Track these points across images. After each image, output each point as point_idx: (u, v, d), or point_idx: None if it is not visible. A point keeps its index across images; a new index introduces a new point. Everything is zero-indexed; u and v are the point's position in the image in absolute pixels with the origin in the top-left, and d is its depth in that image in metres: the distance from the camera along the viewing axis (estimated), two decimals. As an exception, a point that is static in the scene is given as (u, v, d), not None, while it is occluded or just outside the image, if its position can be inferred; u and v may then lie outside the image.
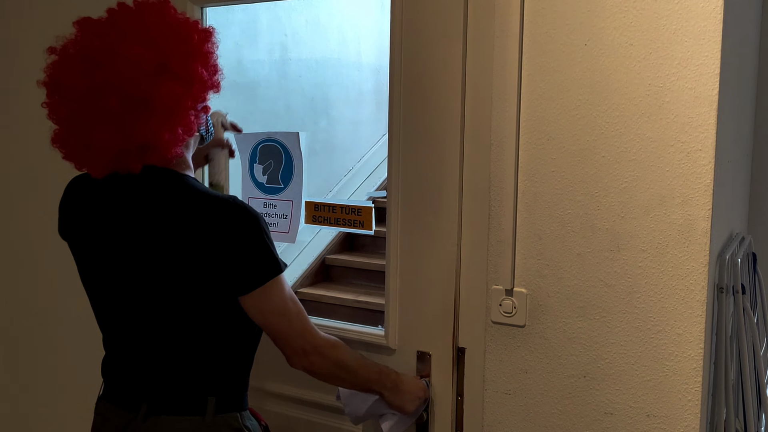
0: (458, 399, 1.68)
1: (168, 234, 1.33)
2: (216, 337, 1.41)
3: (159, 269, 1.35)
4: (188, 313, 1.38)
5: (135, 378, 1.43)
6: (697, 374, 1.41)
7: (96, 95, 1.29)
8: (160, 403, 1.39)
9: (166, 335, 1.39)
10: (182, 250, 1.32)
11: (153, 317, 1.39)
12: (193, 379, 1.40)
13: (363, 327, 1.83)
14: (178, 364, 1.40)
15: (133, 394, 1.42)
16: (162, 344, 1.40)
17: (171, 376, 1.40)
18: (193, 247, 1.32)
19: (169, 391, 1.40)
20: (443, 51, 1.61)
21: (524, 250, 1.56)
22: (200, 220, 1.32)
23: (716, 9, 1.34)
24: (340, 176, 4.01)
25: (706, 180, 1.37)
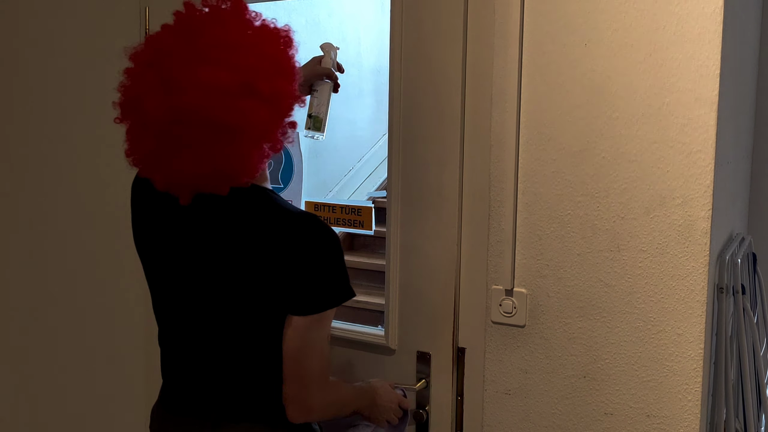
0: (458, 399, 1.68)
1: (250, 246, 1.29)
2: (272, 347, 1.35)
3: (238, 279, 1.30)
4: (261, 322, 1.33)
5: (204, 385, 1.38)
6: (697, 374, 1.41)
7: (178, 123, 1.20)
8: (231, 410, 1.36)
9: (231, 342, 1.34)
10: (262, 262, 1.28)
11: (221, 325, 1.34)
12: (263, 384, 1.36)
13: (363, 327, 1.83)
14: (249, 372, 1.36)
15: (201, 403, 1.37)
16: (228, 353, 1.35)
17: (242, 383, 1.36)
18: (272, 260, 1.28)
19: (241, 399, 1.36)
20: (443, 51, 1.61)
21: (524, 250, 1.56)
22: (282, 236, 1.28)
23: (716, 10, 1.34)
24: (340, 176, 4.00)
25: (706, 181, 1.37)
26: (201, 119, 1.19)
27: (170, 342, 1.43)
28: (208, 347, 1.36)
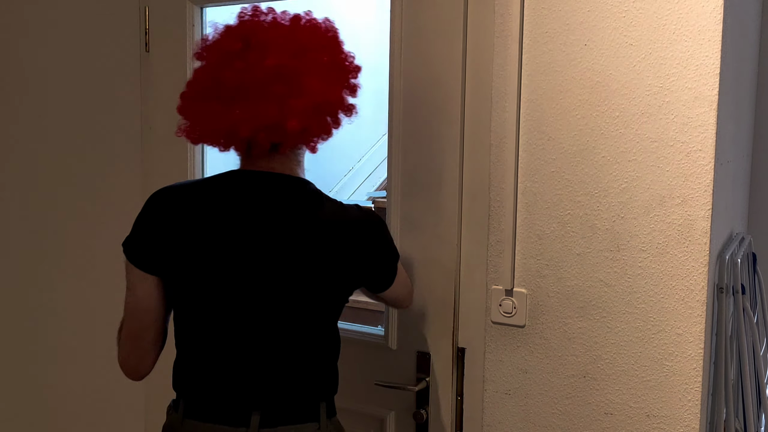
0: (458, 399, 1.68)
1: (310, 242, 1.33)
2: (322, 340, 1.41)
3: (290, 274, 1.33)
4: (307, 318, 1.37)
5: (242, 390, 1.36)
6: (697, 374, 1.41)
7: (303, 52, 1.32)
8: (274, 413, 1.36)
9: (284, 341, 1.36)
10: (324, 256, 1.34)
11: (276, 323, 1.35)
12: (306, 385, 1.39)
13: (363, 327, 1.83)
14: (294, 371, 1.37)
15: (241, 408, 1.35)
16: (278, 351, 1.36)
17: (286, 384, 1.37)
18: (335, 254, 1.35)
19: (284, 400, 1.37)
20: (443, 51, 1.61)
21: (524, 250, 1.56)
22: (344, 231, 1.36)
23: (716, 9, 1.34)
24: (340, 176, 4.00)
25: (705, 180, 1.37)
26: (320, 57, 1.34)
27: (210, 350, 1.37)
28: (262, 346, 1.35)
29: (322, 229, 1.34)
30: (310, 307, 1.36)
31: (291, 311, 1.34)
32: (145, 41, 2.05)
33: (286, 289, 1.33)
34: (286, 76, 1.29)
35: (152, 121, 2.07)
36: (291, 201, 1.35)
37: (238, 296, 1.33)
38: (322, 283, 1.35)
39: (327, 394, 1.43)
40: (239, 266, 1.32)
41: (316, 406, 1.39)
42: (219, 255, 1.33)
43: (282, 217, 1.33)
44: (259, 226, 1.32)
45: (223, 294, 1.34)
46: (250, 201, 1.34)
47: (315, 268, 1.34)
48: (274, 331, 1.35)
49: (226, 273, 1.33)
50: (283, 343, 1.36)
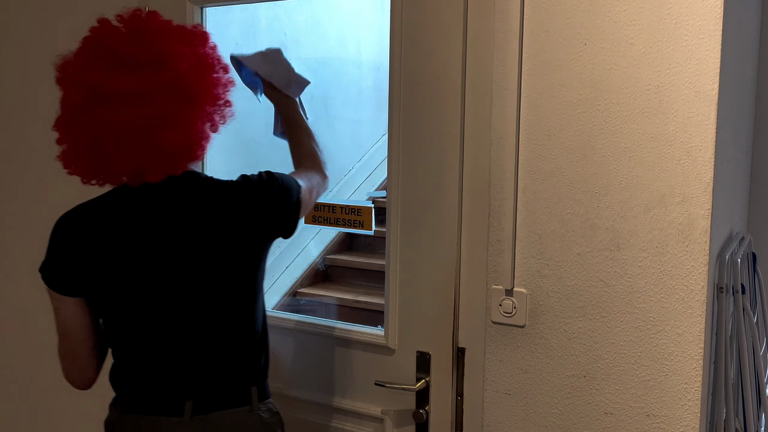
0: (458, 399, 1.67)
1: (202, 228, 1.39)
2: (250, 328, 1.47)
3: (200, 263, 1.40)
4: (226, 298, 1.43)
5: (175, 381, 1.43)
6: (697, 374, 1.41)
7: (156, 97, 1.32)
8: (206, 400, 1.43)
9: (210, 330, 1.43)
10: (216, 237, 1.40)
11: (197, 312, 1.42)
12: (236, 371, 1.46)
13: (363, 327, 1.83)
14: (221, 359, 1.45)
15: (174, 398, 1.42)
16: (205, 341, 1.43)
17: (215, 371, 1.44)
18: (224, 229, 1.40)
19: (215, 387, 1.44)
20: (443, 49, 1.61)
21: (524, 250, 1.56)
22: (224, 203, 1.41)
23: (716, 6, 1.34)
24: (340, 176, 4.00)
25: (705, 178, 1.37)
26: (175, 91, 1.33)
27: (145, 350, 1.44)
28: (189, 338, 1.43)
29: (209, 211, 1.41)
30: (220, 289, 1.42)
31: (203, 299, 1.42)
32: (145, 41, 2.05)
33: (193, 280, 1.41)
34: (140, 131, 1.32)
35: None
36: (181, 196, 1.41)
37: (154, 297, 1.41)
38: (222, 262, 1.41)
39: (257, 379, 1.50)
40: (148, 269, 1.40)
41: (246, 390, 1.47)
42: (129, 263, 1.40)
43: (176, 213, 1.40)
44: (158, 228, 1.40)
45: (142, 298, 1.41)
46: (147, 207, 1.41)
47: (211, 251, 1.40)
48: (193, 321, 1.42)
49: (140, 278, 1.40)
50: (204, 331, 1.43)
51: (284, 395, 1.92)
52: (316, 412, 1.88)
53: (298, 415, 1.91)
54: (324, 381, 1.86)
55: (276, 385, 1.92)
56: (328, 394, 1.85)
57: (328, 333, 1.84)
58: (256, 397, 1.48)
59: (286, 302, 3.54)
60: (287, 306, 3.53)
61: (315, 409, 1.88)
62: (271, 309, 3.29)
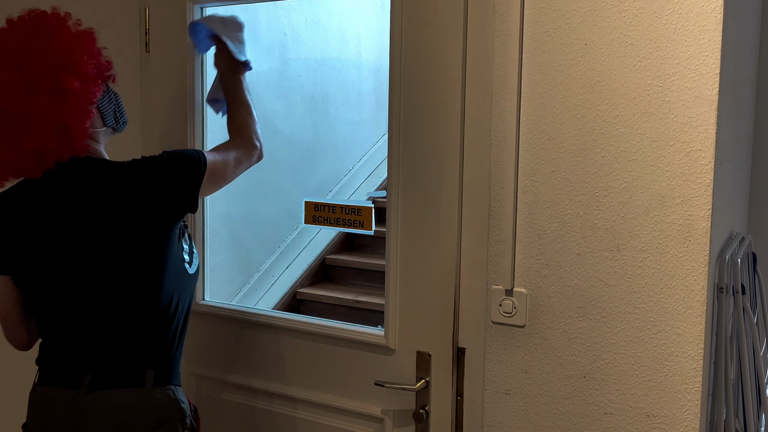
0: (458, 399, 1.67)
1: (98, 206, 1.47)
2: (148, 311, 1.52)
3: (98, 244, 1.48)
4: (124, 279, 1.50)
5: (77, 358, 1.52)
6: (697, 374, 1.41)
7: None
8: (102, 377, 1.50)
9: (105, 309, 1.51)
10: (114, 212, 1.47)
11: (95, 290, 1.50)
12: (132, 353, 1.52)
13: (363, 327, 1.83)
14: (117, 339, 1.52)
15: (76, 373, 1.51)
16: (102, 322, 1.51)
17: (112, 350, 1.51)
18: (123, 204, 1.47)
19: (111, 366, 1.51)
20: (443, 50, 1.61)
21: (524, 250, 1.56)
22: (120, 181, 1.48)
23: (716, 8, 1.34)
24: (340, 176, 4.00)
25: (705, 180, 1.37)
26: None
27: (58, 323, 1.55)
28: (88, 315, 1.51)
29: (104, 192, 1.48)
30: (118, 268, 1.49)
31: (102, 277, 1.49)
32: (145, 41, 2.05)
33: (92, 259, 1.49)
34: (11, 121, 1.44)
35: (152, 121, 2.07)
36: (78, 179, 1.49)
37: (59, 274, 1.51)
38: (118, 241, 1.48)
39: (155, 363, 1.54)
40: (53, 249, 1.50)
41: (141, 372, 1.51)
42: (36, 244, 1.51)
43: (74, 195, 1.48)
44: (59, 210, 1.49)
45: (49, 275, 1.52)
46: (50, 191, 1.50)
47: (107, 230, 1.47)
48: (93, 298, 1.50)
49: (46, 257, 1.51)
50: (103, 308, 1.51)
51: (284, 395, 1.92)
52: (316, 412, 1.88)
53: (298, 414, 1.91)
54: (324, 381, 1.86)
55: (276, 385, 1.93)
56: (328, 394, 1.85)
57: (328, 333, 1.84)
58: (150, 381, 1.51)
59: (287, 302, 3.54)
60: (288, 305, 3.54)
61: (315, 409, 1.88)
62: (271, 309, 3.31)
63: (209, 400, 2.04)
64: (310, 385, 1.88)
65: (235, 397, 2.00)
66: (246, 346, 1.98)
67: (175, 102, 2.00)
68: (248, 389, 1.97)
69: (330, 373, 1.85)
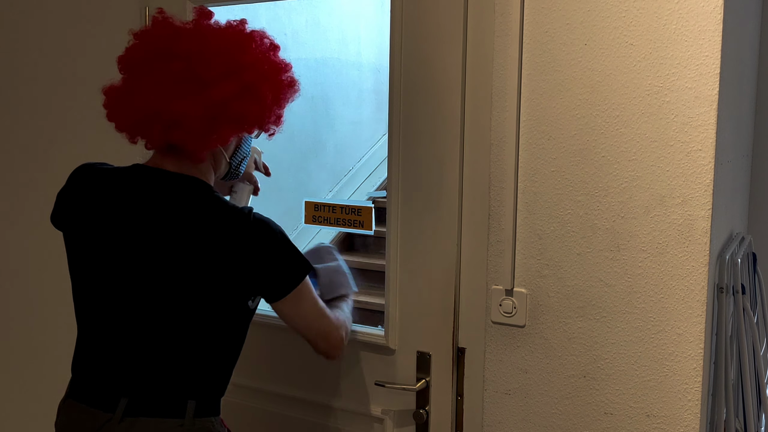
0: (458, 399, 1.68)
1: (190, 239, 1.36)
2: (204, 342, 1.42)
3: (174, 271, 1.37)
4: (187, 318, 1.39)
5: (116, 377, 1.41)
6: (697, 374, 1.41)
7: (167, 57, 1.38)
8: (140, 403, 1.39)
9: (157, 335, 1.39)
10: (203, 256, 1.36)
11: (151, 316, 1.39)
12: (176, 381, 1.41)
13: (363, 327, 1.83)
14: (163, 365, 1.40)
15: (112, 394, 1.40)
16: (151, 344, 1.40)
17: (154, 376, 1.40)
18: (214, 255, 1.36)
19: (151, 392, 1.40)
20: (443, 51, 1.61)
21: (524, 250, 1.56)
22: (224, 232, 1.37)
23: (716, 9, 1.34)
24: (340, 176, 4.00)
25: (706, 180, 1.37)
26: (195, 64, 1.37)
27: (102, 338, 1.44)
28: (135, 335, 1.40)
29: (193, 222, 1.37)
30: (180, 305, 1.38)
31: (162, 306, 1.38)
32: (145, 41, 2.05)
33: (158, 284, 1.38)
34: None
35: (152, 120, 2.07)
36: (171, 199, 1.40)
37: (117, 287, 1.40)
38: (191, 284, 1.37)
39: (198, 394, 1.42)
40: (120, 257, 1.39)
41: (183, 403, 1.40)
42: (104, 243, 1.41)
43: (161, 214, 1.39)
44: (141, 221, 1.39)
45: (105, 283, 1.41)
46: (137, 196, 1.41)
47: (184, 268, 1.37)
48: (147, 323, 1.39)
49: (110, 262, 1.40)
50: (155, 336, 1.39)
51: (284, 395, 1.92)
52: (317, 412, 1.88)
53: (298, 415, 1.91)
54: (324, 381, 1.86)
55: (276, 385, 1.93)
56: (329, 394, 1.85)
57: (329, 333, 1.84)
58: (191, 412, 1.40)
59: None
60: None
61: (315, 409, 1.88)
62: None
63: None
64: (309, 385, 1.88)
65: (235, 397, 2.00)
66: (246, 347, 1.98)
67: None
68: (248, 389, 1.97)
69: (330, 373, 1.85)
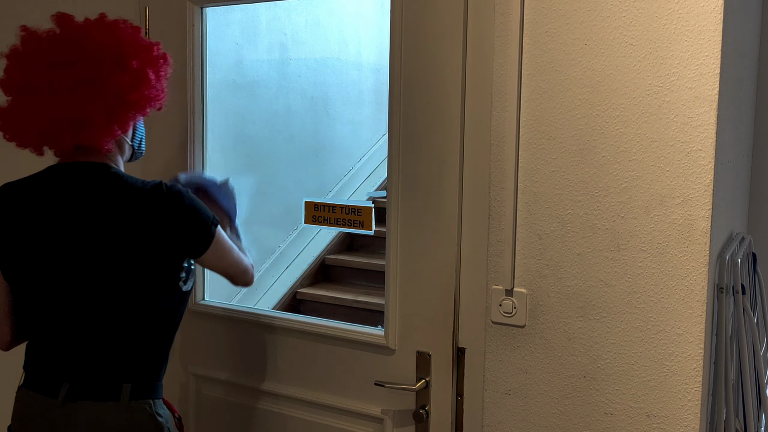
0: (458, 399, 1.68)
1: (107, 222, 1.46)
2: (135, 326, 1.51)
3: (98, 256, 1.46)
4: (116, 301, 1.48)
5: (57, 365, 1.51)
6: (697, 374, 1.41)
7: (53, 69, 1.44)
8: (79, 388, 1.49)
9: (90, 322, 1.49)
10: (122, 234, 1.45)
11: (82, 304, 1.48)
12: (111, 365, 1.50)
13: (363, 327, 1.83)
14: (98, 351, 1.50)
15: (55, 381, 1.50)
16: (86, 331, 1.49)
17: (91, 362, 1.50)
18: (130, 230, 1.45)
19: (88, 377, 1.49)
20: (443, 50, 1.61)
21: (524, 250, 1.56)
22: (133, 206, 1.46)
23: (716, 8, 1.34)
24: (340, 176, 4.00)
25: (705, 180, 1.37)
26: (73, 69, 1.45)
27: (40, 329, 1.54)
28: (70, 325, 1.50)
29: (110, 208, 1.47)
30: (108, 289, 1.47)
31: (91, 293, 1.48)
32: (145, 41, 2.05)
33: (81, 268, 1.47)
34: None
35: (152, 121, 2.07)
36: (86, 187, 1.49)
37: (47, 278, 1.50)
38: (115, 265, 1.46)
39: (133, 377, 1.51)
40: (47, 254, 1.49)
41: (118, 386, 1.49)
42: (31, 242, 1.50)
43: (78, 203, 1.48)
44: (59, 214, 1.48)
45: (37, 277, 1.51)
46: (54, 192, 1.50)
47: (106, 251, 1.46)
48: (80, 312, 1.49)
49: (37, 258, 1.50)
50: (88, 323, 1.49)
51: (284, 395, 1.92)
52: (316, 412, 1.88)
53: (298, 414, 1.91)
54: (324, 381, 1.86)
55: (276, 385, 1.93)
56: (328, 394, 1.85)
57: (328, 333, 1.84)
58: (126, 395, 1.49)
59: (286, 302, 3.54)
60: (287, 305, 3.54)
61: (315, 409, 1.88)
62: (271, 309, 3.31)
63: (208, 399, 2.04)
64: (309, 385, 1.88)
65: (235, 397, 2.00)
66: (246, 346, 1.98)
67: (175, 102, 2.00)
68: (248, 389, 1.97)
69: (330, 373, 1.85)
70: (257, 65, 3.44)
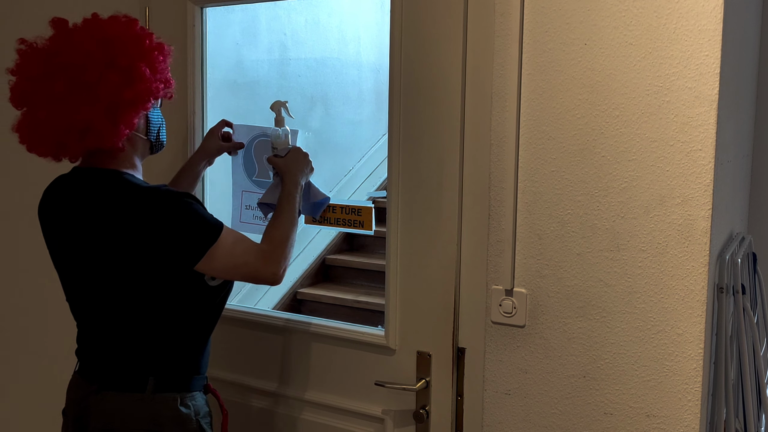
0: (458, 399, 1.68)
1: (108, 227, 1.48)
2: (155, 321, 1.54)
3: (108, 260, 1.50)
4: (132, 299, 1.52)
5: (91, 355, 1.61)
6: (697, 374, 1.41)
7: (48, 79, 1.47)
8: (110, 379, 1.55)
9: (113, 319, 1.55)
10: (123, 239, 1.48)
11: (104, 303, 1.55)
12: (134, 359, 1.55)
13: (363, 327, 1.83)
14: (120, 346, 1.56)
15: (91, 370, 1.59)
16: (111, 327, 1.56)
17: (115, 356, 1.56)
18: (131, 235, 1.47)
19: (116, 370, 1.56)
20: (443, 50, 1.61)
21: (524, 250, 1.56)
22: (132, 210, 1.48)
23: (716, 8, 1.34)
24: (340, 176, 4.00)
25: (705, 180, 1.37)
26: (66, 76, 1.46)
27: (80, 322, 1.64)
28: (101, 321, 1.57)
29: (113, 213, 1.49)
30: (122, 288, 1.52)
31: (109, 292, 1.53)
32: (145, 41, 2.05)
33: (95, 273, 1.53)
34: None
35: (152, 120, 2.07)
36: (95, 192, 1.52)
37: (71, 279, 1.59)
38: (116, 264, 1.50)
39: (158, 371, 1.55)
40: (64, 254, 1.58)
41: (144, 379, 1.54)
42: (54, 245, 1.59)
43: (86, 209, 1.52)
44: (71, 218, 1.54)
45: (65, 276, 1.61)
46: (67, 197, 1.56)
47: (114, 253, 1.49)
48: (104, 310, 1.56)
49: (60, 260, 1.60)
50: (112, 320, 1.55)
51: (284, 395, 1.92)
52: (317, 412, 1.88)
53: (298, 414, 1.91)
54: (324, 381, 1.86)
55: (276, 385, 1.93)
56: (328, 394, 1.85)
57: (329, 333, 1.85)
58: (151, 388, 1.53)
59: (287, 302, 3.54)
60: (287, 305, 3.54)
61: (315, 409, 1.88)
62: (271, 309, 3.30)
63: (208, 399, 2.04)
64: (310, 385, 1.88)
65: (235, 397, 2.00)
66: (246, 346, 1.98)
67: (175, 102, 2.00)
68: (248, 389, 1.97)
69: (330, 373, 1.85)
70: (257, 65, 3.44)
